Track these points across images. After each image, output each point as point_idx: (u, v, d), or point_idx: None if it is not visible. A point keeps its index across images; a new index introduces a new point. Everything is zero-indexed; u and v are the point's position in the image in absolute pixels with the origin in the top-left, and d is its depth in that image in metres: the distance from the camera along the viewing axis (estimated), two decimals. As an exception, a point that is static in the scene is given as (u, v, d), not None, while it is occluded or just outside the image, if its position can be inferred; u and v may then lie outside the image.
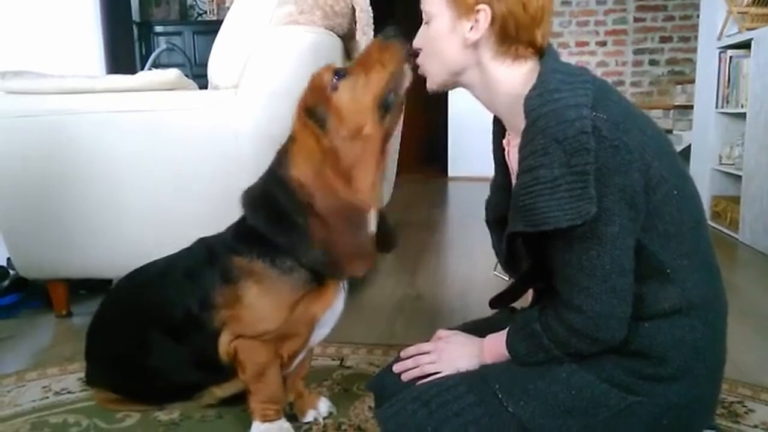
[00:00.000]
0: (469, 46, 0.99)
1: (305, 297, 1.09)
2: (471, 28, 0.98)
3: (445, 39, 1.01)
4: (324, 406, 1.28)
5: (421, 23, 1.06)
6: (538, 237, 0.92)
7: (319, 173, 1.02)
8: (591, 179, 0.85)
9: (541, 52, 0.99)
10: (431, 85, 1.08)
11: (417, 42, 1.07)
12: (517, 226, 0.92)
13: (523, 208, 0.90)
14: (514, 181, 1.06)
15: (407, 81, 1.08)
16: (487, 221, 1.19)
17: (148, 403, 1.30)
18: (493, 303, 1.10)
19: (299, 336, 1.14)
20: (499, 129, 1.13)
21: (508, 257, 1.02)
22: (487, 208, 1.19)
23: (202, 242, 1.22)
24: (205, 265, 1.15)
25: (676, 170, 0.94)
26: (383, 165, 1.11)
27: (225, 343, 1.14)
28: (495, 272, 1.20)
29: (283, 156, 1.08)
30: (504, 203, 1.14)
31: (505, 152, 1.12)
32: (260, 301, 1.09)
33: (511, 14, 0.95)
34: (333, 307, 1.15)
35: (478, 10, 0.96)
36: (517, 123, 0.97)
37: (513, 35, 0.96)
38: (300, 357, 1.22)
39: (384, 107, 1.06)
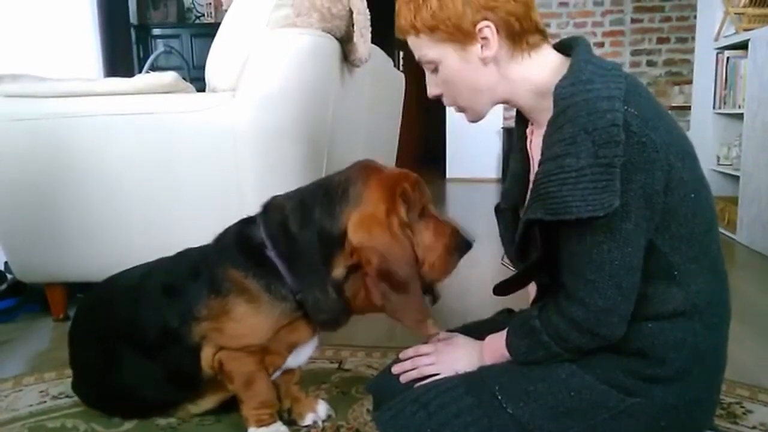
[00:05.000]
0: (488, 63, 0.99)
1: (290, 324, 1.11)
2: (482, 47, 0.97)
3: (464, 71, 1.00)
4: (323, 409, 1.28)
5: None
6: (554, 226, 0.91)
7: (393, 245, 1.03)
8: (617, 172, 0.84)
9: (545, 35, 1.00)
10: (478, 116, 1.07)
11: (433, 91, 1.07)
12: (536, 214, 0.91)
13: (544, 196, 0.89)
14: (533, 170, 1.05)
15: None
16: (497, 208, 1.18)
17: (122, 417, 1.28)
18: (498, 290, 1.08)
19: (279, 354, 1.15)
20: (523, 118, 1.12)
21: (518, 246, 1.01)
22: (502, 196, 1.18)
23: (185, 256, 1.21)
24: (189, 278, 1.14)
25: (696, 174, 0.95)
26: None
27: (209, 357, 1.13)
28: (503, 262, 1.18)
29: (335, 213, 1.05)
30: (518, 192, 1.13)
31: (527, 141, 1.11)
32: (248, 320, 1.09)
33: (509, 13, 0.95)
34: (313, 338, 1.17)
35: (480, 29, 0.95)
36: (540, 116, 0.97)
37: (519, 30, 0.96)
38: (279, 372, 1.21)
39: None
